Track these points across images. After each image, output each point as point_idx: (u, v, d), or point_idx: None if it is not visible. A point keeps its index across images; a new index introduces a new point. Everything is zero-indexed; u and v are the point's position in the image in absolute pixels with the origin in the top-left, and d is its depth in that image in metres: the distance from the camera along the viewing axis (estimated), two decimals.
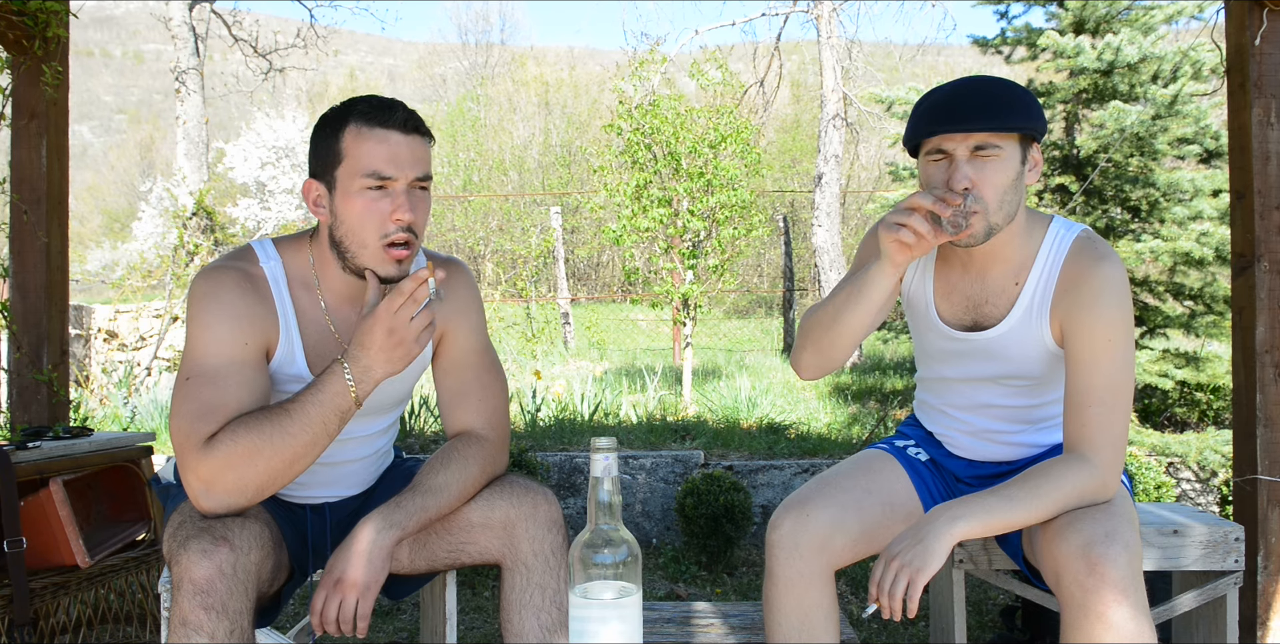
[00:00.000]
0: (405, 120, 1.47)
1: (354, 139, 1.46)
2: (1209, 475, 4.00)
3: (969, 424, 1.76)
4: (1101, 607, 1.36)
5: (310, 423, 1.39)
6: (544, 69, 25.05)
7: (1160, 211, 4.88)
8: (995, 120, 1.48)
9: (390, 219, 1.46)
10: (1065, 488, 1.46)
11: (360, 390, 1.41)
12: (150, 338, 7.26)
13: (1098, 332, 1.50)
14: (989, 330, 1.63)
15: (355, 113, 1.48)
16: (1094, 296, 1.51)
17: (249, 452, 1.36)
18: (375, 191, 1.46)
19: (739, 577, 3.43)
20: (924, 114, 1.54)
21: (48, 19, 2.70)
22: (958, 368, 1.71)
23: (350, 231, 1.48)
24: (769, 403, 5.74)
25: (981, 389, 1.70)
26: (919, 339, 1.78)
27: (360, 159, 1.46)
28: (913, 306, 1.73)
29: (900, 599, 1.40)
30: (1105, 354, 1.50)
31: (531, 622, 1.52)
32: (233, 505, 1.40)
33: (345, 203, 1.48)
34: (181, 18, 11.78)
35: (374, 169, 1.45)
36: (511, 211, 14.90)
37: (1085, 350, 1.51)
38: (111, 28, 44.64)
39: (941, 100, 1.53)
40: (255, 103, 14.77)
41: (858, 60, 11.21)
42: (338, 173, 1.48)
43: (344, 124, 1.48)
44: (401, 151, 1.47)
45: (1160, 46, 4.84)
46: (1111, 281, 1.52)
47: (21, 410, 2.77)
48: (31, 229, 2.77)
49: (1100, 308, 1.50)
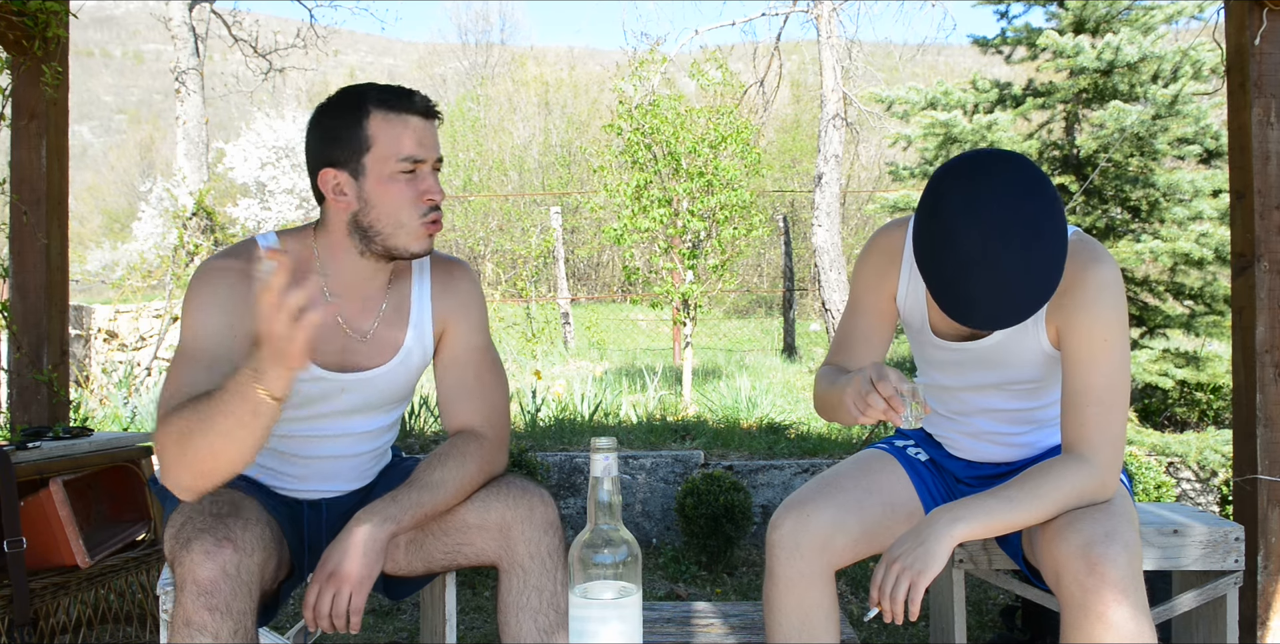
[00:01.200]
0: (426, 106, 1.53)
1: (382, 124, 1.49)
2: (1209, 475, 3.99)
3: (971, 426, 1.76)
4: (1101, 606, 1.36)
5: (224, 412, 1.30)
6: (544, 69, 25.04)
7: (1160, 212, 4.88)
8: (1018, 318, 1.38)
9: (423, 199, 1.52)
10: (1065, 488, 1.46)
11: (271, 389, 1.29)
12: (150, 338, 7.26)
13: (1095, 333, 1.50)
14: (985, 339, 1.61)
15: (375, 100, 1.50)
16: (1090, 299, 1.50)
17: (182, 433, 1.32)
18: (408, 174, 1.51)
19: (739, 577, 3.43)
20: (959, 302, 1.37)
21: (48, 19, 2.70)
22: (957, 377, 1.70)
23: (385, 214, 1.52)
24: (769, 403, 5.74)
25: (982, 394, 1.70)
26: (917, 350, 1.77)
27: (392, 143, 1.49)
28: (909, 322, 1.72)
29: (901, 602, 1.40)
30: (1103, 354, 1.49)
31: (529, 624, 1.52)
32: (190, 487, 1.36)
33: (379, 187, 1.51)
34: (181, 18, 11.79)
35: (408, 153, 1.50)
36: (511, 211, 14.90)
37: (1083, 351, 1.50)
38: (111, 28, 44.63)
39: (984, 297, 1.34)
40: (255, 103, 14.78)
41: (858, 60, 11.21)
42: (366, 159, 1.50)
43: (365, 111, 1.50)
44: (426, 135, 1.53)
45: (1160, 46, 4.84)
46: (1107, 283, 1.51)
47: (21, 410, 2.77)
48: (31, 229, 2.77)
49: (1097, 309, 1.50)
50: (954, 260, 1.34)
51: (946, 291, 1.37)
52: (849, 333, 1.67)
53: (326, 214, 1.57)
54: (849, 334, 1.67)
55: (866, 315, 1.67)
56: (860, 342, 1.66)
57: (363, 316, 1.61)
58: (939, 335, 1.66)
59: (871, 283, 1.66)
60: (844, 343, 1.67)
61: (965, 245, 1.33)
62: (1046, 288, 1.36)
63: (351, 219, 1.54)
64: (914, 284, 1.65)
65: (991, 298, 1.34)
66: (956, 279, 1.35)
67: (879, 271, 1.66)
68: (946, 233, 1.35)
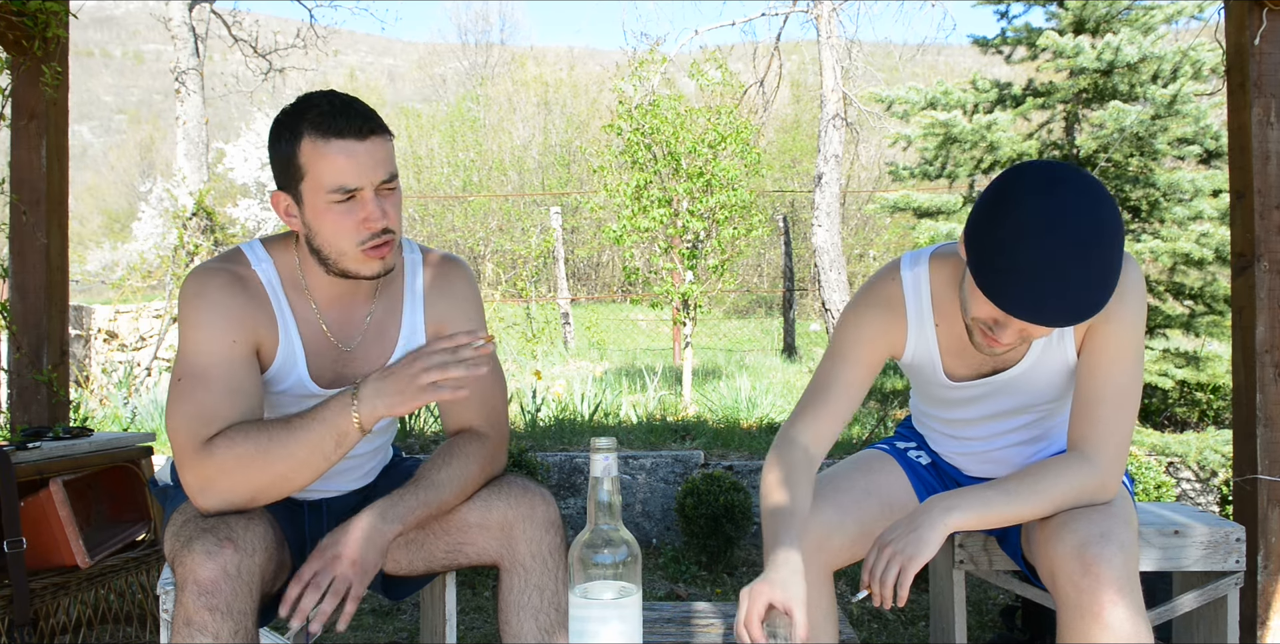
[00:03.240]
0: (360, 126, 1.41)
1: (312, 153, 1.41)
2: (1209, 475, 3.99)
3: (984, 452, 1.74)
4: (1097, 607, 1.35)
5: (306, 442, 1.38)
6: (544, 69, 25.04)
7: (1160, 212, 4.88)
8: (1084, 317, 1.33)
9: (363, 227, 1.44)
10: (1064, 486, 1.46)
11: (364, 421, 1.39)
12: (150, 338, 7.26)
13: (1122, 335, 1.47)
14: (1010, 370, 1.58)
15: (307, 123, 1.41)
16: (1117, 301, 1.44)
17: (243, 461, 1.37)
18: (344, 204, 1.43)
19: (739, 577, 3.43)
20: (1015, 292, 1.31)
21: (47, 19, 2.70)
22: (970, 410, 1.67)
23: (326, 241, 1.47)
24: (769, 403, 5.74)
25: (996, 421, 1.67)
26: (923, 390, 1.72)
27: (323, 175, 1.41)
28: (917, 370, 1.66)
29: (891, 586, 1.39)
30: (1123, 355, 1.48)
31: (530, 623, 1.52)
32: (227, 507, 1.40)
33: (316, 217, 1.45)
34: (181, 18, 11.78)
35: (338, 184, 1.41)
36: (511, 212, 14.90)
37: (1107, 352, 1.48)
38: (111, 28, 44.63)
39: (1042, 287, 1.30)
40: (255, 103, 14.76)
41: (858, 60, 11.21)
42: (301, 188, 1.44)
43: (298, 136, 1.42)
44: (362, 160, 1.41)
45: (1160, 46, 4.84)
46: (1135, 284, 1.47)
47: (21, 410, 2.77)
48: (31, 229, 2.77)
49: (1123, 311, 1.46)
50: (1032, 261, 1.29)
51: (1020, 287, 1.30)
52: (829, 381, 1.59)
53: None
54: (829, 382, 1.59)
55: (854, 366, 1.59)
56: (840, 391, 1.59)
57: (350, 327, 1.60)
58: (954, 379, 1.62)
59: (868, 336, 1.59)
60: (822, 390, 1.60)
61: (1047, 249, 1.28)
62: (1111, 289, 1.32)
63: (306, 241, 1.51)
64: (924, 335, 1.60)
65: (1069, 295, 1.29)
66: (1036, 276, 1.29)
67: (881, 327, 1.59)
68: (1023, 237, 1.29)
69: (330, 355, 1.58)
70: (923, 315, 1.59)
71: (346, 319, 1.59)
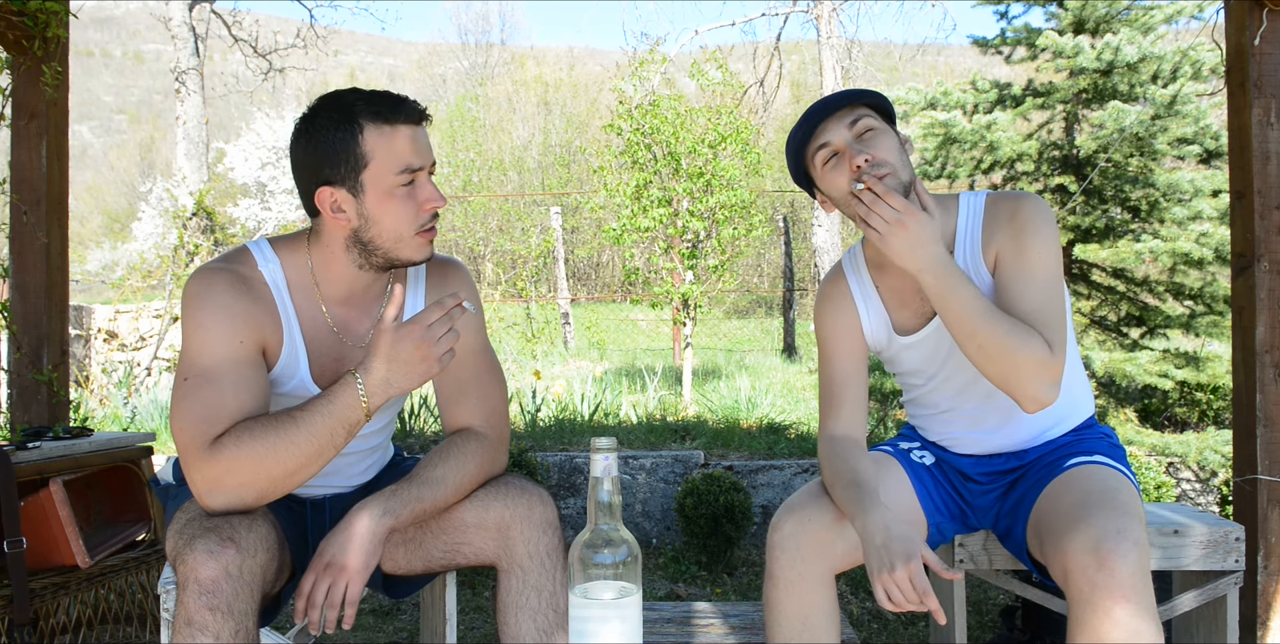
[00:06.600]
0: (415, 112, 1.51)
1: (377, 140, 1.47)
2: (1209, 475, 4.00)
3: (965, 415, 1.76)
4: (1110, 603, 1.35)
5: (317, 433, 1.39)
6: (544, 69, 25.05)
7: (1160, 212, 4.87)
8: (856, 98, 1.62)
9: (423, 208, 1.51)
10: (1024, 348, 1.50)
11: (372, 403, 1.42)
12: (150, 338, 7.27)
13: (1032, 250, 1.58)
14: None
15: (366, 113, 1.47)
16: (1023, 223, 1.59)
17: (253, 458, 1.37)
18: (406, 187, 1.50)
19: (739, 577, 3.44)
20: (798, 126, 1.65)
21: (47, 19, 2.70)
22: (939, 365, 1.73)
23: (386, 229, 1.51)
24: (769, 403, 5.74)
25: (960, 370, 1.71)
26: (893, 367, 1.83)
27: (390, 158, 1.48)
28: (879, 342, 1.78)
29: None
30: (1036, 274, 1.56)
31: (528, 624, 1.52)
32: (236, 505, 1.41)
33: (380, 203, 1.49)
34: (181, 18, 11.79)
35: (406, 164, 1.49)
36: (511, 212, 14.91)
37: (1018, 271, 1.58)
38: (111, 28, 44.64)
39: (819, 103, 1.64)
40: (255, 103, 14.76)
41: (858, 60, 11.22)
42: (364, 176, 1.48)
43: (359, 127, 1.47)
44: (421, 142, 1.52)
45: (1160, 46, 4.84)
46: (1037, 209, 1.60)
47: (21, 410, 2.77)
48: (31, 229, 2.77)
49: (1029, 239, 1.58)
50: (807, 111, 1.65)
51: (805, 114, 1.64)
52: (830, 378, 1.75)
53: (322, 229, 1.55)
54: (830, 379, 1.75)
55: (842, 358, 1.74)
56: (844, 381, 1.73)
57: (359, 324, 1.61)
58: (906, 333, 1.73)
59: (835, 325, 1.76)
60: (829, 387, 1.75)
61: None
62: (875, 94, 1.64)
63: (351, 235, 1.52)
64: (870, 304, 1.75)
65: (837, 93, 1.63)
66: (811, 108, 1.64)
67: (838, 314, 1.76)
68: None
69: (335, 355, 1.58)
70: (864, 286, 1.76)
71: (357, 318, 1.61)
